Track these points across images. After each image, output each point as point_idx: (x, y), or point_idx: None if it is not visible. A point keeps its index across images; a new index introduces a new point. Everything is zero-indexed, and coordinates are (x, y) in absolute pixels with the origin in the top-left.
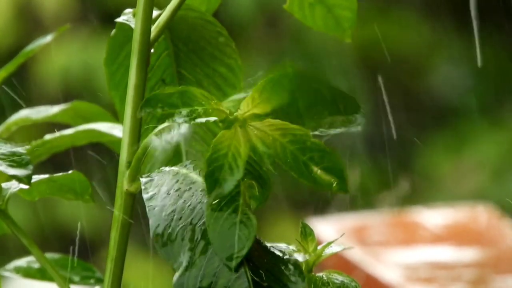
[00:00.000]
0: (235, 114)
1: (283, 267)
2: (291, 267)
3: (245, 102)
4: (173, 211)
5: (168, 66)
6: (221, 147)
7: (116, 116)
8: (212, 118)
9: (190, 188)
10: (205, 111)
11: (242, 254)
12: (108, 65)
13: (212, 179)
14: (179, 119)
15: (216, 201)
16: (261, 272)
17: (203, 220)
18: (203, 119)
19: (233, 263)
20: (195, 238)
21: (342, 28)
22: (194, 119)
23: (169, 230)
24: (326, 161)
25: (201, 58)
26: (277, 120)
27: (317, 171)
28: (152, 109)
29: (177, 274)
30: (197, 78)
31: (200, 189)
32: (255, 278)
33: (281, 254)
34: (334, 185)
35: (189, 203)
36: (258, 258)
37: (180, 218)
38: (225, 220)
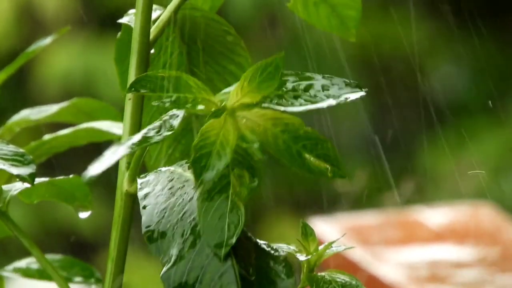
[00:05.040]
0: (224, 103)
1: (272, 264)
2: (280, 263)
3: (234, 92)
4: (165, 208)
5: (180, 65)
6: (209, 135)
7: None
8: (200, 107)
9: (183, 186)
10: (194, 99)
11: (232, 242)
12: (118, 65)
13: (199, 165)
14: (167, 104)
15: (207, 191)
16: (249, 267)
17: (193, 216)
18: (190, 108)
19: (223, 251)
20: (185, 233)
21: (347, 27)
22: (182, 106)
23: (160, 227)
24: (320, 148)
25: (212, 56)
26: (268, 110)
27: (311, 158)
28: (141, 89)
29: (165, 267)
30: (208, 76)
31: (192, 187)
32: (243, 272)
33: (271, 251)
34: (329, 171)
35: (180, 200)
36: (246, 253)
37: (171, 215)
38: (216, 210)
